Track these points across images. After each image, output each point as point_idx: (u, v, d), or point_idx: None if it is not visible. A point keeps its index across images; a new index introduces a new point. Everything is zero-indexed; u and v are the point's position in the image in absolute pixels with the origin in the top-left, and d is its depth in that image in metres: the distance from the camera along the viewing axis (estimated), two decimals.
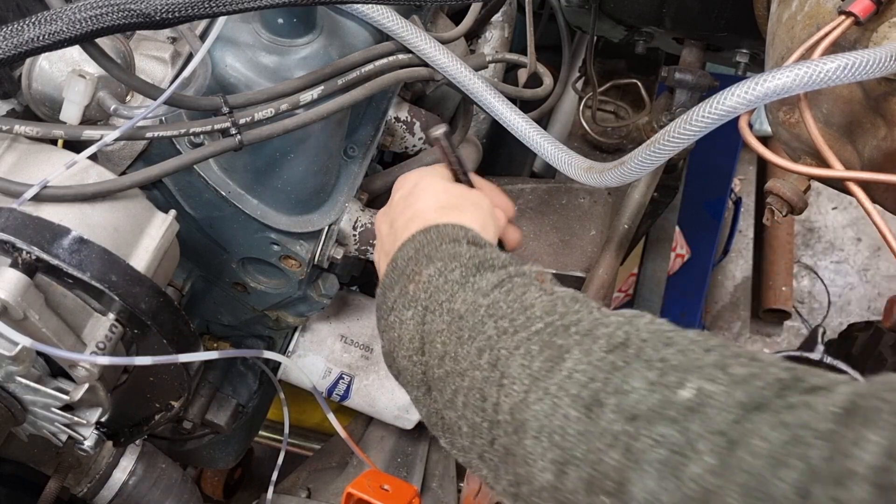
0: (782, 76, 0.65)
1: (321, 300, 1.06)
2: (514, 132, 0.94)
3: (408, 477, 1.18)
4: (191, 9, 0.65)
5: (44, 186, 0.72)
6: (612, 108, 1.43)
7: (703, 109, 0.71)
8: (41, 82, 0.78)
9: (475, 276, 0.65)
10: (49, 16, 0.63)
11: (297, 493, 1.17)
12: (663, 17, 1.16)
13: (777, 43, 0.80)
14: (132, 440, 0.94)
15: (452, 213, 0.73)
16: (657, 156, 0.78)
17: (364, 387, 1.15)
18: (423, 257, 0.68)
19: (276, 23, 0.85)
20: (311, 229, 0.95)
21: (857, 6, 0.67)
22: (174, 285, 1.01)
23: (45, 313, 0.71)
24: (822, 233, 2.74)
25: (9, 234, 0.68)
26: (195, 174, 0.90)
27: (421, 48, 0.92)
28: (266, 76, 0.86)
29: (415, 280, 0.67)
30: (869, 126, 0.74)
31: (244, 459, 1.44)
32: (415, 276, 0.67)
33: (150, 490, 1.01)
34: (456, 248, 0.67)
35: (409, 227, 0.72)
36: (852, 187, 0.68)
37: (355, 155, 1.00)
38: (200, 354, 0.78)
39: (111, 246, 0.73)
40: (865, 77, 0.63)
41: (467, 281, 0.64)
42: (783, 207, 0.82)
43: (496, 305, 0.61)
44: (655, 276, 1.83)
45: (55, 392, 0.76)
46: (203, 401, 1.11)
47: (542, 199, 1.22)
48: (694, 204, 2.11)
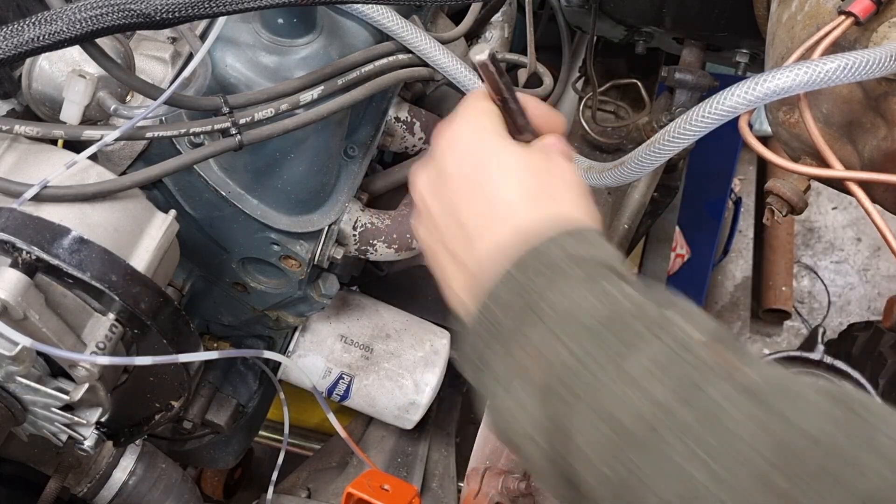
0: (782, 76, 0.65)
1: (321, 300, 1.06)
2: None
3: (408, 477, 1.18)
4: (191, 9, 0.65)
5: (44, 186, 0.72)
6: (612, 108, 1.43)
7: (703, 109, 0.70)
8: (41, 82, 0.78)
9: (624, 353, 0.45)
10: (49, 16, 0.63)
11: (297, 493, 1.17)
12: (663, 17, 1.16)
13: (777, 43, 0.80)
14: (132, 440, 0.94)
15: (547, 203, 0.56)
16: (657, 156, 0.78)
17: (364, 387, 1.15)
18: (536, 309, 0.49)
19: (276, 23, 0.85)
20: (311, 229, 0.95)
21: (857, 6, 0.67)
22: (174, 285, 1.01)
23: (45, 313, 0.71)
24: (822, 233, 2.75)
25: (9, 234, 0.68)
26: (195, 174, 0.90)
27: (421, 48, 0.92)
28: (266, 76, 0.86)
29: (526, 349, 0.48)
30: (869, 126, 0.74)
31: (244, 459, 1.43)
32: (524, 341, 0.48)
33: (150, 490, 1.01)
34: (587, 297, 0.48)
35: (493, 229, 0.55)
36: (852, 187, 0.68)
37: (355, 155, 1.00)
38: (200, 354, 0.78)
39: (111, 246, 0.73)
40: (865, 77, 0.63)
41: (617, 365, 0.45)
42: (783, 207, 0.82)
43: (673, 416, 0.42)
44: (655, 276, 1.83)
45: (55, 392, 0.76)
46: (203, 401, 1.11)
47: None
48: (694, 204, 2.11)
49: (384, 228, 1.01)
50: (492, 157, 0.58)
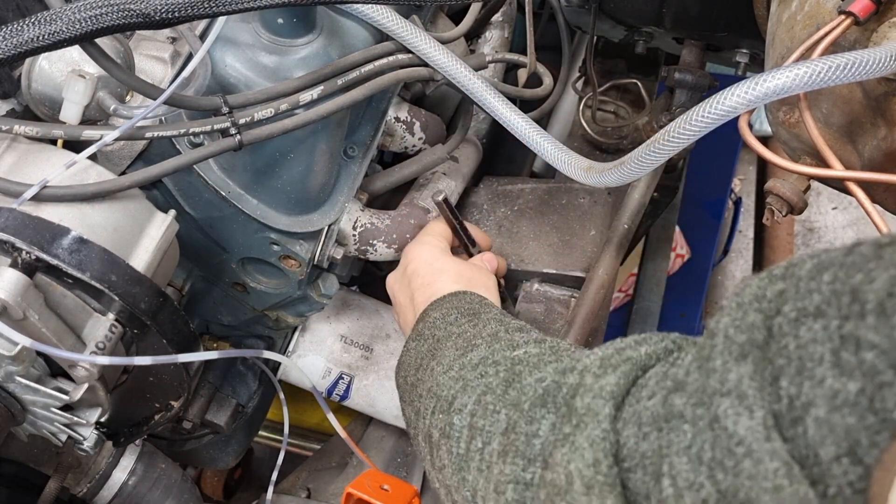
0: (782, 76, 0.65)
1: (321, 300, 1.06)
2: (514, 132, 0.94)
3: (408, 477, 1.18)
4: (191, 9, 0.65)
5: (43, 186, 0.72)
6: (612, 108, 1.43)
7: (703, 109, 0.70)
8: (41, 82, 0.78)
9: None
10: (49, 16, 0.63)
11: (297, 493, 1.17)
12: (663, 17, 1.16)
13: (777, 43, 0.80)
14: (132, 440, 0.95)
15: (464, 287, 0.88)
16: (657, 156, 0.78)
17: (364, 387, 1.15)
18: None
19: (276, 23, 0.85)
20: (310, 229, 0.95)
21: (857, 6, 0.67)
22: (174, 285, 1.01)
23: (45, 313, 0.71)
24: (822, 233, 2.75)
25: (8, 234, 0.68)
26: (195, 174, 0.90)
27: (421, 48, 0.92)
28: (266, 76, 0.86)
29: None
30: (869, 126, 0.74)
31: (244, 459, 1.43)
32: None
33: (150, 490, 1.01)
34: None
35: (427, 300, 0.86)
36: (852, 187, 0.68)
37: (355, 155, 1.00)
38: (200, 354, 0.78)
39: (111, 246, 0.73)
40: (865, 77, 0.63)
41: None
42: (783, 207, 0.81)
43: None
44: (655, 276, 1.83)
45: (55, 392, 0.76)
46: (203, 401, 1.11)
47: (542, 199, 1.22)
48: (694, 204, 2.10)
49: (384, 228, 1.01)
50: (437, 265, 0.91)
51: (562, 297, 1.12)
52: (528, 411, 0.58)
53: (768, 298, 0.42)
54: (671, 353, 0.54)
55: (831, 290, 0.38)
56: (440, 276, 0.89)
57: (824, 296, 0.38)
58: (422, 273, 0.90)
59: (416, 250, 0.94)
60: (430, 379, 0.74)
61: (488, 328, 0.76)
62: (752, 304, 0.43)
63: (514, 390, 0.62)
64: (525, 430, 0.57)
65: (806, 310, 0.39)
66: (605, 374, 0.53)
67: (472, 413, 0.64)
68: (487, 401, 0.63)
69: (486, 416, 0.62)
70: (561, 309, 1.11)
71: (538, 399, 0.58)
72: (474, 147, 1.22)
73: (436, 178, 1.12)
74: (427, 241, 0.95)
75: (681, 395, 0.45)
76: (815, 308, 0.38)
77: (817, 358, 0.37)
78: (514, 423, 0.58)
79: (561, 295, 1.13)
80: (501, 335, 0.74)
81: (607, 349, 0.57)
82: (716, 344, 0.43)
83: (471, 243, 0.99)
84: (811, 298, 0.39)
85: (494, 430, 0.61)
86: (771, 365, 0.40)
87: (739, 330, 0.42)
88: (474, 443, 0.62)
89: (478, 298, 0.84)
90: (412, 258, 0.93)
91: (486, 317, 0.79)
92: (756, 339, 0.41)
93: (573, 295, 1.12)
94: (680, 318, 2.07)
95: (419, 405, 0.74)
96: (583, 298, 1.03)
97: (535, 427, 0.56)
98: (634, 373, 0.52)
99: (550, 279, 1.13)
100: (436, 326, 0.80)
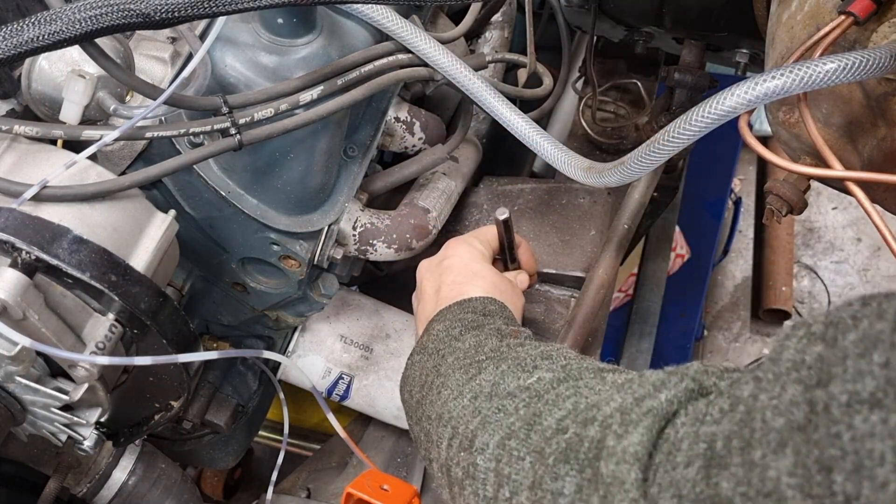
0: (782, 76, 0.65)
1: (321, 300, 1.06)
2: (514, 132, 0.94)
3: (408, 477, 1.17)
4: (191, 9, 0.65)
5: (43, 186, 0.72)
6: (612, 108, 1.44)
7: (703, 109, 0.70)
8: (41, 82, 0.78)
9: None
10: (49, 16, 0.63)
11: (297, 494, 1.17)
12: (663, 17, 1.16)
13: (777, 43, 0.80)
14: (132, 440, 0.94)
15: (495, 296, 0.88)
16: (657, 156, 0.78)
17: (364, 387, 1.15)
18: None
19: (276, 23, 0.85)
20: (310, 229, 0.95)
21: (857, 6, 0.67)
22: (174, 285, 1.01)
23: (45, 313, 0.71)
24: (822, 233, 2.75)
25: (8, 234, 0.68)
26: (195, 174, 0.90)
27: (421, 48, 0.92)
28: (266, 76, 0.86)
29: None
30: (869, 126, 0.74)
31: (244, 459, 1.43)
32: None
33: (150, 490, 1.01)
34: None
35: (451, 300, 0.86)
36: (852, 187, 0.68)
37: (355, 155, 1.00)
38: (200, 354, 0.78)
39: (111, 246, 0.73)
40: (865, 77, 0.63)
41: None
42: (783, 207, 0.81)
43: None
44: (655, 276, 1.83)
45: (55, 392, 0.76)
46: (203, 401, 1.11)
47: (542, 199, 1.22)
48: (694, 204, 2.11)
49: (384, 228, 1.01)
50: (474, 267, 0.90)
51: (562, 297, 1.12)
52: (553, 467, 0.56)
53: (808, 365, 0.40)
54: (693, 396, 0.51)
55: (886, 377, 0.35)
56: (473, 280, 0.88)
57: (879, 382, 0.35)
58: (456, 270, 0.90)
59: (459, 247, 0.93)
60: (438, 401, 0.73)
61: (489, 343, 0.75)
62: (790, 374, 0.40)
63: (535, 434, 0.60)
64: (551, 489, 0.56)
65: (860, 395, 0.36)
66: (626, 433, 0.51)
67: (496, 458, 0.63)
68: (511, 446, 0.62)
69: (511, 462, 0.61)
70: (561, 309, 1.11)
71: (561, 455, 0.56)
72: (474, 147, 1.22)
73: (436, 178, 1.12)
74: (473, 242, 0.94)
75: (728, 480, 0.42)
76: (869, 395, 0.36)
77: (877, 457, 0.34)
78: (539, 479, 0.57)
79: (561, 295, 1.13)
80: (504, 352, 0.73)
81: (626, 397, 0.55)
82: (755, 429, 0.41)
83: (513, 263, 0.98)
84: (863, 383, 0.36)
85: (521, 479, 0.60)
86: (818, 450, 0.37)
87: (777, 412, 0.40)
88: (502, 491, 0.61)
89: (481, 307, 0.83)
90: (452, 253, 0.92)
91: (489, 330, 0.78)
92: (796, 421, 0.38)
93: (573, 295, 1.12)
94: (680, 317, 2.07)
95: (429, 428, 0.73)
96: (583, 298, 1.03)
97: (560, 485, 0.55)
98: (658, 425, 0.50)
99: (550, 279, 1.13)
100: (439, 339, 0.79)
